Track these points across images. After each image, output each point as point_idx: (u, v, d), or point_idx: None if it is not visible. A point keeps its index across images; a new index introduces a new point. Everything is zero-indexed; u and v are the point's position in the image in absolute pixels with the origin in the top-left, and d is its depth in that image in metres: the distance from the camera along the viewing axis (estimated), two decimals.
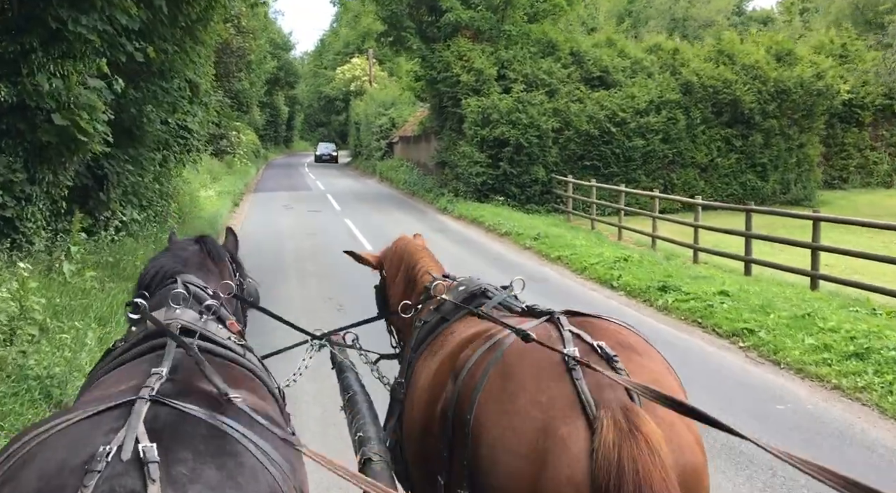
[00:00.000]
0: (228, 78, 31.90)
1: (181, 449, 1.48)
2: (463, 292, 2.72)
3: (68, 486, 1.36)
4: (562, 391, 1.84)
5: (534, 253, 14.99)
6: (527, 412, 1.85)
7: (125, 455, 1.41)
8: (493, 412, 1.92)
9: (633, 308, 10.22)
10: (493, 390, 1.96)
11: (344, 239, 17.30)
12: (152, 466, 1.39)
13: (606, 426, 1.71)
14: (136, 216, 11.26)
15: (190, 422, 1.58)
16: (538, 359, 1.97)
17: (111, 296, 8.15)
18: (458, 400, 2.05)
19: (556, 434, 1.77)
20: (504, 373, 1.99)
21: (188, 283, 2.41)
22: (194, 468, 1.45)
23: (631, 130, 22.20)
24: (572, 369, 1.87)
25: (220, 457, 1.51)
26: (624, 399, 1.78)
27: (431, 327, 2.69)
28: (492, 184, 22.12)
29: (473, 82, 22.60)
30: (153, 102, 11.41)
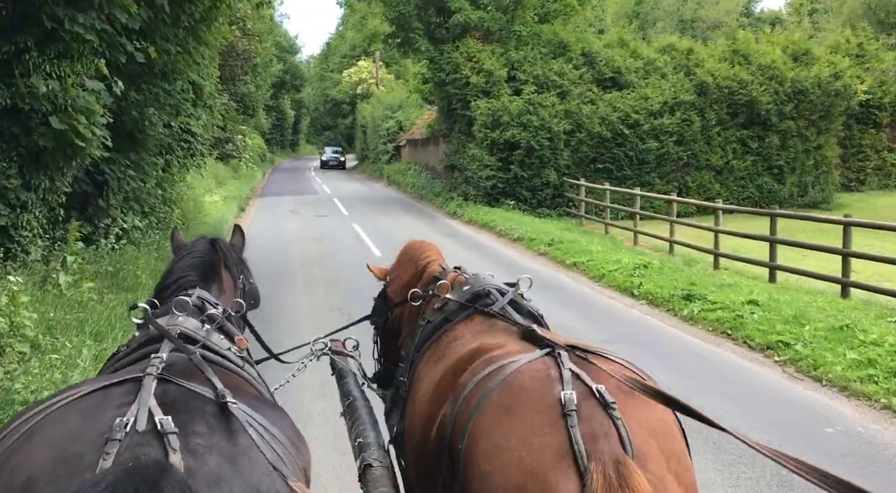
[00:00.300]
0: (234, 81, 31.55)
1: (194, 423, 1.52)
2: (467, 291, 2.68)
3: (87, 454, 1.38)
4: (555, 438, 1.80)
5: (548, 259, 14.53)
6: (517, 452, 1.82)
7: (140, 426, 1.44)
8: (484, 446, 1.89)
9: (656, 318, 9.75)
10: (486, 422, 1.93)
11: (351, 244, 16.89)
12: (171, 437, 1.43)
13: (596, 480, 1.68)
14: (138, 223, 10.85)
15: (199, 399, 1.62)
16: (534, 397, 1.92)
17: (109, 308, 7.73)
18: (453, 427, 2.03)
19: (545, 481, 1.75)
20: (498, 406, 1.95)
21: (201, 297, 2.43)
22: (210, 440, 1.49)
23: (644, 132, 21.71)
24: (568, 414, 1.82)
25: (232, 432, 1.56)
26: (617, 452, 1.75)
27: (434, 328, 2.66)
28: (502, 187, 21.67)
29: (483, 84, 22.16)
30: (155, 105, 11.00)
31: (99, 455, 1.38)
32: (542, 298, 2.51)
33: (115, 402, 1.55)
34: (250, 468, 1.52)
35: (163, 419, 1.48)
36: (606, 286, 11.75)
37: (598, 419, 1.81)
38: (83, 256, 9.55)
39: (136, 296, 8.59)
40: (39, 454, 1.42)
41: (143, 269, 9.76)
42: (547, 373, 2.00)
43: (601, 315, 9.98)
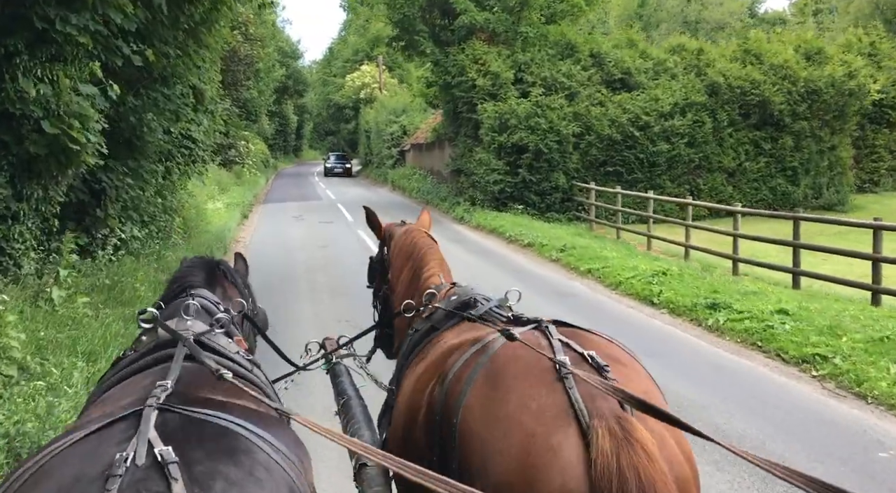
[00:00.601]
0: (236, 86, 31.22)
1: (195, 450, 1.49)
2: (454, 302, 2.69)
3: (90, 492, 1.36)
4: (553, 399, 1.81)
5: (561, 266, 14.07)
6: (517, 417, 1.81)
7: (140, 460, 1.42)
8: (481, 417, 1.88)
9: (679, 328, 9.29)
10: (481, 394, 1.93)
11: (356, 251, 16.46)
12: (172, 466, 1.40)
13: (602, 435, 1.68)
14: (137, 233, 10.43)
15: (198, 424, 1.59)
16: (527, 365, 1.94)
17: (104, 325, 7.30)
18: (444, 404, 2.01)
19: (547, 442, 1.74)
20: (491, 377, 1.95)
21: (202, 297, 2.44)
22: (213, 467, 1.46)
23: (655, 134, 21.26)
24: (564, 377, 1.84)
25: (235, 455, 1.52)
26: (617, 409, 1.76)
27: (422, 336, 2.68)
28: (510, 192, 21.23)
29: (490, 86, 21.74)
30: (154, 110, 10.60)
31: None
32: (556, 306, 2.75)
33: (116, 438, 1.53)
34: (257, 491, 1.49)
35: (163, 449, 1.44)
36: (624, 294, 11.29)
37: (594, 380, 1.82)
38: (79, 268, 9.15)
39: (134, 310, 8.17)
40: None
41: (143, 281, 9.35)
42: (537, 342, 2.02)
43: (621, 325, 9.52)
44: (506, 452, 1.78)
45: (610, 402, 1.77)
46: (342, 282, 12.29)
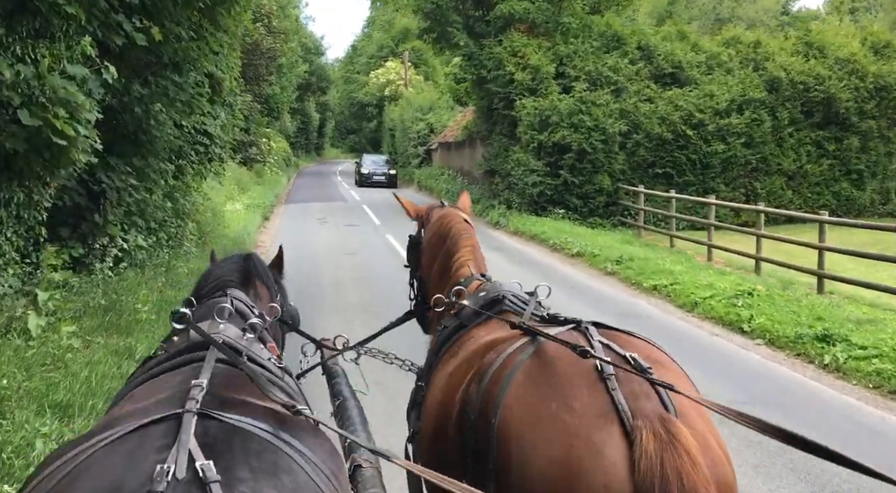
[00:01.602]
0: (258, 81, 29.90)
1: (238, 467, 1.42)
2: (482, 298, 2.69)
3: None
4: (596, 399, 1.79)
5: (619, 280, 12.48)
6: (559, 417, 1.79)
7: (180, 474, 1.34)
8: (522, 416, 1.86)
9: (785, 365, 7.70)
10: (521, 393, 1.90)
11: (388, 260, 14.99)
12: (214, 486, 1.33)
13: (646, 436, 1.67)
14: (142, 242, 9.02)
15: (241, 437, 1.52)
16: (568, 364, 1.92)
17: (91, 364, 5.86)
18: (482, 403, 1.98)
19: (590, 441, 1.73)
20: (532, 376, 1.94)
21: (236, 298, 2.37)
22: (254, 488, 1.39)
23: (709, 133, 19.55)
24: (607, 377, 1.82)
25: (277, 475, 1.46)
26: (661, 410, 1.74)
27: (450, 333, 2.66)
28: (550, 195, 19.64)
29: (529, 81, 20.17)
30: (163, 101, 9.20)
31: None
32: None
33: (156, 444, 1.44)
34: None
35: (204, 465, 1.37)
36: (703, 318, 9.69)
37: (636, 381, 1.81)
38: (71, 285, 7.75)
39: (131, 341, 6.73)
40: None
41: (145, 301, 7.92)
42: (577, 342, 1.97)
43: (709, 357, 7.95)
44: (548, 452, 1.76)
45: (653, 403, 1.75)
46: (375, 300, 10.79)
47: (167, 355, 2.04)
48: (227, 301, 2.28)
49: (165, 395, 1.67)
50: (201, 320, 2.15)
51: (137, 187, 9.08)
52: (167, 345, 2.19)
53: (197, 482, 1.34)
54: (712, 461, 1.74)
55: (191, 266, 10.71)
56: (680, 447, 1.64)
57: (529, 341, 2.07)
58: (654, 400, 1.77)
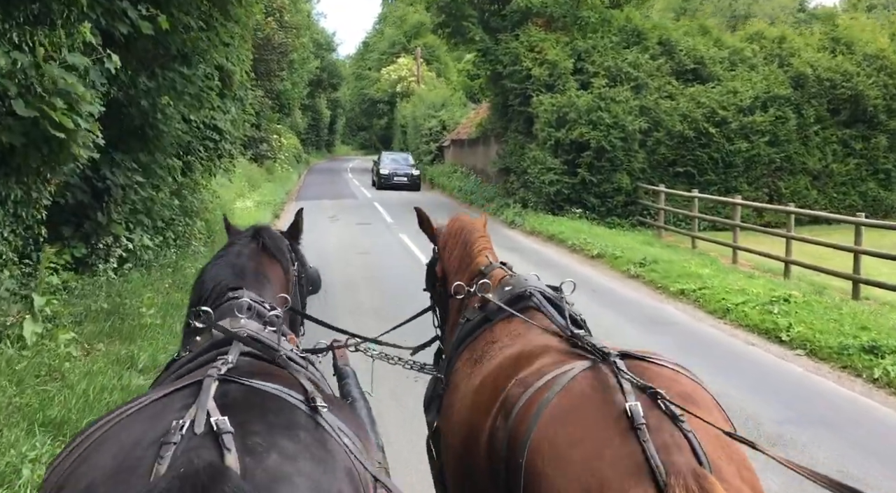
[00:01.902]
0: (269, 77, 29.52)
1: (253, 421, 1.47)
2: (508, 293, 2.64)
3: (146, 458, 1.37)
4: (627, 450, 1.72)
5: (643, 284, 11.98)
6: (589, 464, 1.74)
7: (198, 428, 1.41)
8: (550, 458, 1.81)
9: (829, 378, 7.20)
10: (549, 434, 1.85)
11: (402, 259, 14.56)
12: (226, 436, 1.39)
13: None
14: (148, 242, 8.61)
15: (259, 395, 1.57)
16: (597, 407, 1.86)
17: (90, 374, 5.44)
18: (509, 441, 1.95)
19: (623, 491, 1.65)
20: (559, 418, 1.88)
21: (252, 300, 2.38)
22: (268, 439, 1.44)
23: (732, 131, 18.97)
24: (638, 427, 1.75)
25: (294, 429, 1.50)
26: (694, 465, 1.67)
27: (473, 327, 2.64)
28: (567, 194, 19.12)
29: (546, 77, 19.65)
30: (171, 94, 8.78)
31: (154, 460, 1.35)
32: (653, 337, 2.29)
33: (177, 406, 1.54)
34: (311, 467, 1.44)
35: (219, 419, 1.43)
36: (736, 325, 9.19)
37: (668, 430, 1.76)
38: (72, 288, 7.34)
39: (134, 348, 6.31)
40: (102, 461, 1.42)
41: (150, 304, 7.49)
42: (606, 382, 1.94)
43: (745, 368, 7.48)
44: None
45: (686, 456, 1.70)
46: (389, 302, 10.35)
47: (192, 355, 2.06)
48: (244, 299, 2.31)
49: (192, 377, 1.72)
50: (220, 319, 2.17)
51: (143, 184, 8.66)
52: (190, 346, 2.19)
53: (211, 434, 1.39)
54: None
55: (199, 266, 10.29)
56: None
57: (555, 377, 2.01)
58: (688, 453, 1.72)
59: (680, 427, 1.77)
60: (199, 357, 1.99)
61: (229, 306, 2.26)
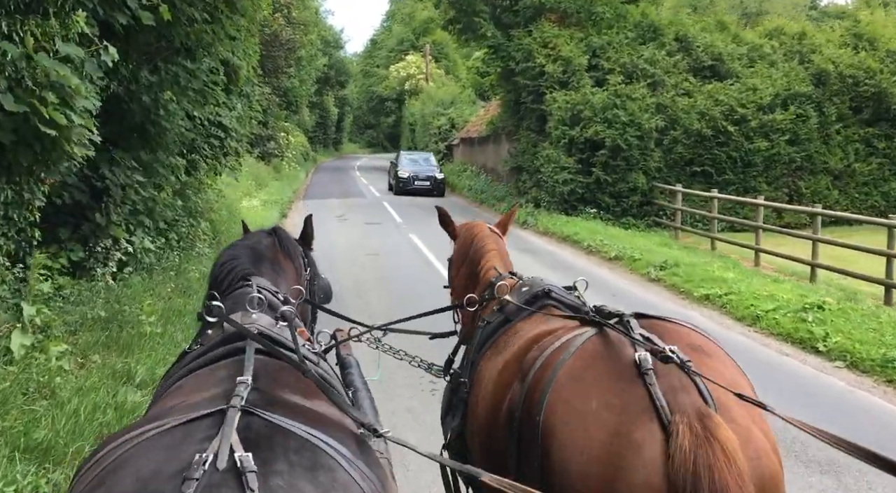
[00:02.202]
0: (277, 74, 29.13)
1: (276, 461, 1.44)
2: (526, 293, 2.69)
3: (166, 492, 1.34)
4: (635, 395, 1.79)
5: (664, 288, 11.52)
6: (599, 414, 1.81)
7: (221, 464, 1.38)
8: (564, 414, 1.87)
9: (876, 393, 6.76)
10: (563, 391, 1.92)
11: (412, 260, 14.15)
12: (250, 476, 1.35)
13: (682, 432, 1.66)
14: (149, 244, 8.20)
15: (282, 434, 1.54)
16: (609, 361, 1.93)
17: (83, 392, 5.02)
18: (525, 401, 2.01)
19: (630, 438, 1.73)
20: (574, 374, 1.95)
21: (261, 287, 2.36)
22: (290, 482, 1.41)
23: (752, 130, 18.46)
24: (645, 373, 1.81)
25: (315, 470, 1.47)
26: (699, 404, 1.73)
27: (494, 328, 2.68)
28: (581, 193, 18.65)
29: (560, 74, 19.18)
30: (174, 89, 8.37)
31: None
32: None
33: (198, 436, 1.47)
34: None
35: (243, 456, 1.39)
36: (768, 334, 8.72)
37: (675, 375, 1.81)
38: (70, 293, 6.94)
39: (131, 361, 5.90)
40: (121, 489, 1.39)
41: (151, 312, 7.08)
42: (618, 338, 2.00)
43: (782, 384, 7.00)
44: (588, 449, 1.78)
45: (692, 397, 1.74)
46: (399, 305, 9.92)
47: (205, 349, 2.03)
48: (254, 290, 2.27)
49: (211, 392, 1.68)
50: (232, 311, 2.16)
51: (144, 184, 8.25)
52: (202, 339, 2.18)
53: (234, 471, 1.37)
54: (755, 452, 1.73)
55: (203, 269, 9.88)
56: (716, 444, 1.62)
57: (570, 340, 2.07)
58: (693, 394, 1.75)
59: (687, 372, 1.79)
60: (211, 352, 1.97)
61: (242, 295, 2.25)
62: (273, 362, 1.87)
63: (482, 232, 3.28)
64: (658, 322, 2.10)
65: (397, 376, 6.45)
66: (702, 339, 2.05)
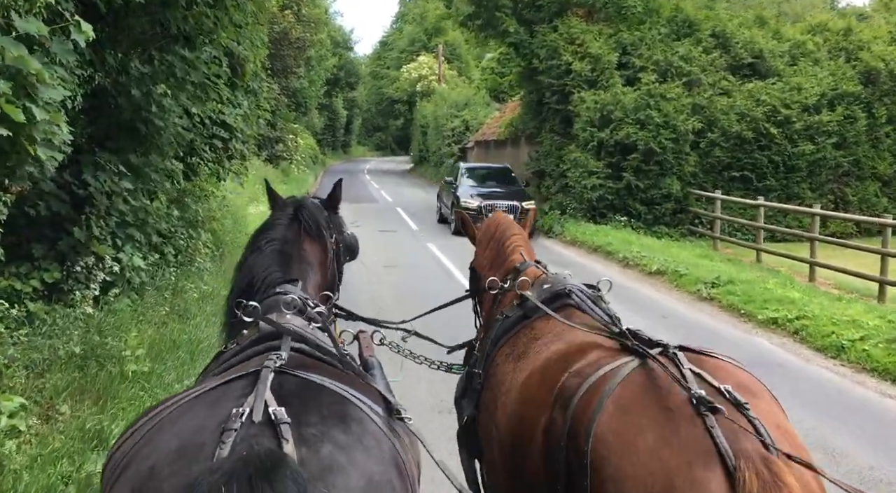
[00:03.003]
0: (286, 74, 28.02)
1: (308, 413, 1.53)
2: (547, 290, 2.67)
3: (208, 443, 1.43)
4: (695, 435, 1.74)
5: (720, 308, 10.27)
6: (657, 450, 1.75)
7: (256, 417, 1.47)
8: (617, 446, 1.82)
9: None
10: (613, 423, 1.86)
11: (434, 274, 12.98)
12: (284, 427, 1.45)
13: (749, 478, 1.63)
14: (139, 262, 7.02)
15: (314, 389, 1.64)
16: (661, 395, 1.87)
17: (42, 459, 3.84)
18: (570, 431, 1.95)
19: (693, 480, 1.68)
20: (622, 407, 1.88)
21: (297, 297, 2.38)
22: (323, 430, 1.50)
23: (796, 132, 17.18)
24: (704, 414, 1.77)
25: (346, 422, 1.55)
26: (762, 450, 1.70)
27: (512, 323, 2.66)
28: (610, 200, 17.41)
29: (588, 72, 17.97)
30: (169, 83, 7.21)
31: (216, 445, 1.42)
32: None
33: (235, 394, 1.58)
34: (363, 458, 1.51)
35: (276, 409, 1.49)
36: (858, 369, 7.47)
37: (734, 417, 1.77)
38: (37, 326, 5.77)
39: (105, 419, 4.72)
40: (165, 443, 1.48)
41: (137, 345, 5.90)
42: (666, 372, 1.93)
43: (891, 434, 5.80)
44: (648, 485, 1.73)
45: (754, 443, 1.72)
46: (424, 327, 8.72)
47: (241, 346, 2.09)
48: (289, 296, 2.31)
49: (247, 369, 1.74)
50: (266, 313, 2.21)
51: (134, 192, 7.08)
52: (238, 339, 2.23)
53: (269, 423, 1.46)
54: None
55: (204, 287, 8.72)
56: (784, 489, 1.61)
57: (615, 369, 2.00)
58: (755, 439, 1.73)
59: (745, 414, 1.76)
60: (249, 349, 2.01)
61: (275, 300, 2.30)
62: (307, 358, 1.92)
63: (508, 220, 3.34)
64: (701, 357, 2.03)
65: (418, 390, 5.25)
66: (749, 378, 1.99)
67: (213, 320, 7.79)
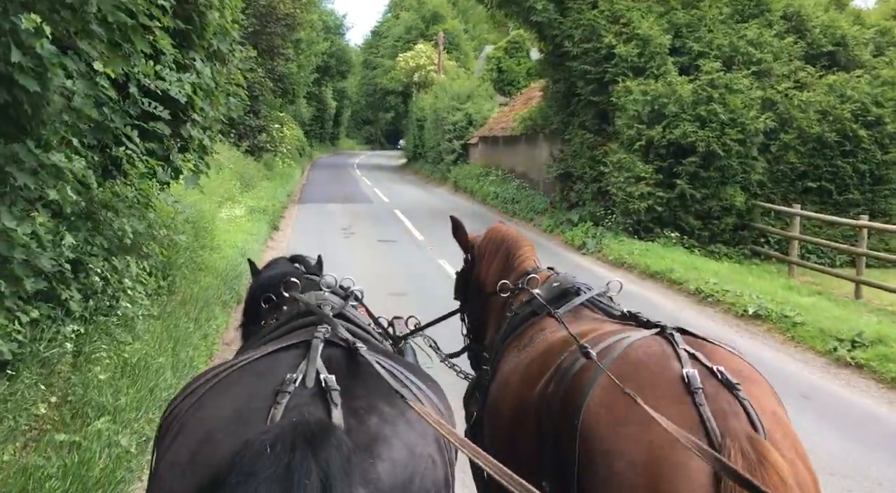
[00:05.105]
0: (272, 55, 24.73)
1: (356, 384, 1.60)
2: (556, 288, 2.70)
3: (262, 407, 1.49)
4: (683, 413, 1.76)
5: (873, 379, 7.27)
6: (646, 425, 1.74)
7: (309, 383, 1.54)
8: (607, 419, 1.85)
9: None
10: (605, 397, 1.88)
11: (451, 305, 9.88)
12: (334, 393, 1.51)
13: (734, 456, 1.64)
14: (18, 326, 3.87)
15: (362, 361, 1.70)
16: (654, 372, 1.89)
17: None
18: (563, 403, 1.97)
19: (677, 456, 1.69)
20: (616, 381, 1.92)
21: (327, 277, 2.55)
22: (370, 402, 1.55)
23: (888, 136, 14.23)
24: (694, 392, 1.80)
25: (391, 394, 1.59)
26: (749, 430, 1.72)
27: (521, 319, 2.71)
28: (659, 212, 14.37)
29: (635, 57, 14.93)
30: (46, 15, 4.05)
31: (270, 408, 1.47)
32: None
33: (288, 362, 1.64)
34: (407, 431, 1.54)
35: (327, 377, 1.55)
36: None
37: (724, 398, 1.79)
38: None
39: None
40: (220, 407, 1.54)
41: None
42: (662, 350, 1.96)
43: None
44: (634, 460, 1.75)
45: (742, 422, 1.73)
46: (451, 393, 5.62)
47: (283, 321, 2.13)
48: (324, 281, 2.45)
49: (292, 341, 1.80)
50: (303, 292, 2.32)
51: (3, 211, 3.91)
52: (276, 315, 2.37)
53: (320, 390, 1.53)
54: (801, 485, 1.71)
55: (135, 348, 5.59)
56: (769, 467, 1.60)
57: (612, 345, 2.03)
58: (743, 419, 1.74)
59: (736, 395, 1.78)
60: (290, 322, 2.06)
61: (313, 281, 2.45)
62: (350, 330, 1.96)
63: (517, 234, 3.31)
64: (701, 342, 2.02)
65: None
66: (745, 365, 1.98)
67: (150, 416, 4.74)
